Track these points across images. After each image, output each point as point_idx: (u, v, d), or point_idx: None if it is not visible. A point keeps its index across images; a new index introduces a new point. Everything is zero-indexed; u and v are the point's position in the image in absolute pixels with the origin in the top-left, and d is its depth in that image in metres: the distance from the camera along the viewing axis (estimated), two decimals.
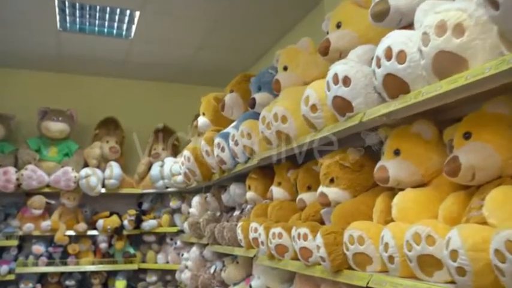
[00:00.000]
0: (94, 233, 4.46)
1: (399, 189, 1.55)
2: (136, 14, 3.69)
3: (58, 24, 3.82)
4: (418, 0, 1.41)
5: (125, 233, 4.50)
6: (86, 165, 4.50)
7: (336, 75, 1.61)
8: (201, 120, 3.58)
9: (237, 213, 3.20)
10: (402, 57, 1.33)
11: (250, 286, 2.60)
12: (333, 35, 1.97)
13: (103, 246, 4.47)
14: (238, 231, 2.60)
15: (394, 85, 1.38)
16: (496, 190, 1.17)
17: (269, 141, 2.25)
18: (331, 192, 1.79)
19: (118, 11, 3.67)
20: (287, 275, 2.48)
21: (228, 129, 2.95)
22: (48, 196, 4.34)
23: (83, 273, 4.50)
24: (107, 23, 3.88)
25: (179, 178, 4.18)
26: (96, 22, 3.85)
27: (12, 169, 4.12)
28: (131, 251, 4.55)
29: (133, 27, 3.92)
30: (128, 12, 3.69)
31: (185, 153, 3.50)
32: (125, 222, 4.48)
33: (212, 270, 3.36)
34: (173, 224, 4.62)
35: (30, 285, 4.19)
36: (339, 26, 1.99)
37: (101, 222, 4.41)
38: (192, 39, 4.16)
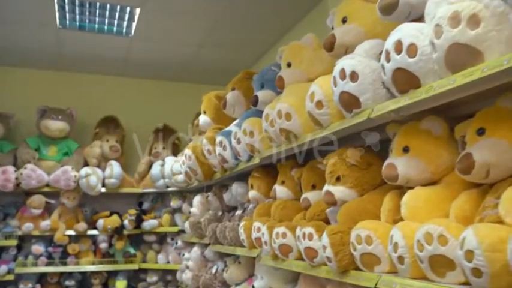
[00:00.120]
0: (94, 232, 4.43)
1: (408, 188, 1.51)
2: (137, 11, 3.65)
3: (57, 21, 3.78)
4: None
5: (125, 232, 4.47)
6: (86, 165, 4.47)
7: (342, 70, 1.57)
8: (202, 118, 3.54)
9: (239, 212, 3.16)
10: (413, 50, 1.28)
11: (253, 287, 2.55)
12: (339, 30, 1.92)
13: (103, 246, 4.44)
14: (240, 230, 2.56)
15: (404, 80, 1.33)
16: None
17: (272, 139, 2.21)
18: (338, 190, 1.75)
19: (118, 8, 3.63)
20: (291, 276, 2.44)
21: (230, 128, 2.91)
22: (47, 195, 4.31)
23: (83, 274, 4.47)
24: (106, 20, 3.84)
25: (180, 177, 4.14)
26: (96, 19, 3.81)
27: (11, 168, 4.09)
28: (132, 251, 4.52)
29: (133, 25, 3.88)
30: (128, 9, 3.65)
31: (186, 152, 3.46)
32: (125, 222, 4.45)
33: (214, 270, 3.32)
34: (174, 223, 4.58)
35: (30, 285, 4.15)
36: (344, 20, 1.94)
37: (101, 222, 4.37)
38: (193, 37, 4.12)
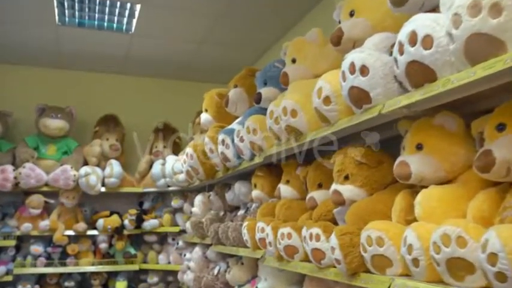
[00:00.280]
0: (94, 232, 4.37)
1: (420, 187, 1.44)
2: (137, 7, 3.58)
3: (56, 18, 3.71)
4: None
5: (125, 232, 4.42)
6: (86, 164, 4.42)
7: (352, 64, 1.50)
8: (204, 116, 3.47)
9: (241, 212, 3.11)
10: (428, 42, 1.21)
11: None
12: (346, 23, 1.86)
13: (103, 246, 4.38)
14: (244, 231, 2.50)
15: (419, 73, 1.26)
16: None
17: (277, 136, 2.15)
18: (346, 190, 1.69)
19: (118, 4, 3.56)
20: (295, 277, 2.38)
21: (233, 125, 2.84)
22: (46, 195, 4.25)
23: (83, 274, 4.42)
24: (106, 17, 3.77)
25: (181, 176, 4.10)
26: (96, 16, 3.75)
27: (9, 167, 4.04)
28: (132, 251, 4.46)
29: (133, 21, 3.81)
30: (129, 5, 3.58)
31: (187, 151, 3.40)
32: (126, 222, 4.39)
33: (216, 271, 3.27)
34: (175, 223, 4.53)
35: (29, 286, 4.09)
36: (352, 14, 1.87)
37: (101, 222, 4.32)
38: (194, 34, 4.06)
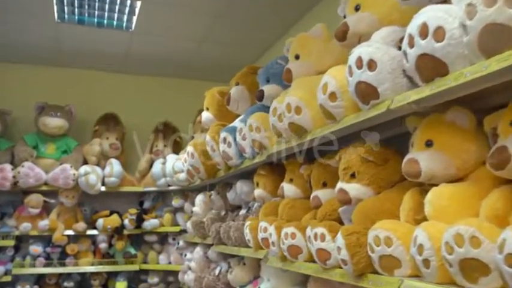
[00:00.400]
0: (93, 232, 4.33)
1: (430, 185, 1.40)
2: (138, 4, 3.53)
3: (56, 15, 3.67)
4: None
5: (125, 232, 4.38)
6: (85, 163, 4.37)
7: (359, 59, 1.46)
8: (205, 115, 3.43)
9: (243, 212, 3.06)
10: (440, 34, 1.17)
11: None
12: (351, 18, 1.81)
13: (103, 246, 4.34)
14: (246, 231, 2.45)
15: (430, 66, 1.22)
16: None
17: (281, 134, 2.10)
18: (352, 188, 1.64)
19: (118, 1, 3.51)
20: (299, 278, 2.34)
21: (235, 123, 2.80)
22: (46, 194, 4.20)
23: (82, 274, 4.38)
24: (106, 14, 3.72)
25: (182, 176, 4.06)
26: (96, 13, 3.70)
27: (8, 166, 3.99)
28: (132, 251, 4.42)
29: (134, 19, 3.76)
30: (129, 2, 3.53)
31: (188, 149, 3.36)
32: (126, 222, 4.35)
33: (217, 271, 3.23)
34: (175, 223, 4.49)
35: (28, 286, 4.05)
36: (357, 8, 1.83)
37: (100, 222, 4.28)
38: (195, 32, 4.01)
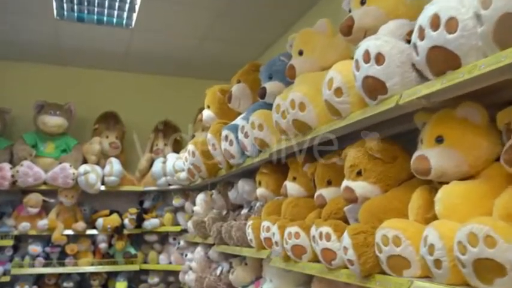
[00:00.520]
0: (93, 232, 4.29)
1: (439, 183, 1.36)
2: (138, 1, 3.49)
3: (55, 12, 3.62)
4: None
5: (125, 232, 4.34)
6: (85, 162, 4.33)
7: (367, 52, 1.41)
8: (206, 113, 3.38)
9: (245, 211, 3.02)
10: (453, 25, 1.13)
11: None
12: (357, 12, 1.77)
13: (103, 246, 4.30)
14: (248, 230, 2.41)
15: (442, 59, 1.17)
16: None
17: (284, 131, 2.06)
18: (359, 186, 1.59)
19: None
20: (302, 278, 2.29)
21: (237, 121, 2.76)
22: (45, 194, 4.16)
23: (82, 275, 4.34)
24: (106, 11, 3.67)
25: (182, 175, 4.02)
26: (95, 10, 3.65)
27: (7, 165, 3.95)
28: (132, 251, 4.39)
29: (134, 16, 3.72)
30: None
31: (189, 148, 3.31)
32: (126, 221, 4.32)
33: (218, 271, 3.18)
34: (176, 223, 4.45)
35: (27, 287, 4.01)
36: (363, 2, 1.79)
37: (100, 221, 4.24)
38: (196, 29, 3.97)
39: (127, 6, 3.60)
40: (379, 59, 1.38)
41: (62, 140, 4.37)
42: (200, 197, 3.68)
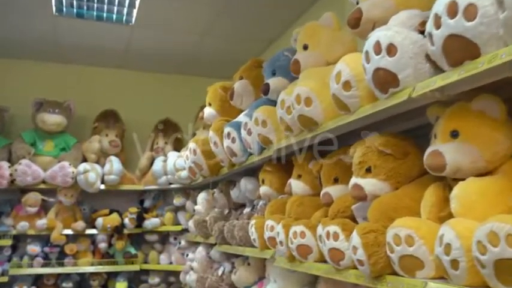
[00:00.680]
0: (93, 232, 4.27)
1: (452, 179, 1.30)
2: None
3: (54, 7, 3.57)
4: None
5: (125, 232, 4.31)
6: (84, 160, 4.30)
7: (378, 43, 1.35)
8: (207, 111, 3.33)
9: (247, 210, 2.97)
10: (472, 12, 1.06)
11: None
12: (365, 3, 1.70)
13: (102, 246, 4.27)
14: (251, 229, 2.36)
15: (459, 49, 1.11)
16: None
17: (289, 128, 2.00)
18: (368, 183, 1.53)
19: None
20: (307, 279, 2.24)
21: (240, 118, 2.70)
22: (44, 193, 4.12)
23: (81, 275, 4.32)
24: (106, 7, 3.62)
25: (183, 173, 3.97)
26: (95, 6, 3.60)
27: (5, 164, 3.92)
28: (132, 251, 4.35)
29: (134, 12, 3.67)
30: None
31: (191, 146, 3.26)
32: (126, 221, 4.29)
33: (220, 272, 3.14)
34: (177, 222, 4.41)
35: (25, 287, 3.98)
36: None
37: (100, 221, 4.21)
38: (198, 25, 3.92)
39: (127, 2, 3.54)
40: (391, 50, 1.32)
41: (61, 138, 4.34)
42: (201, 196, 3.64)
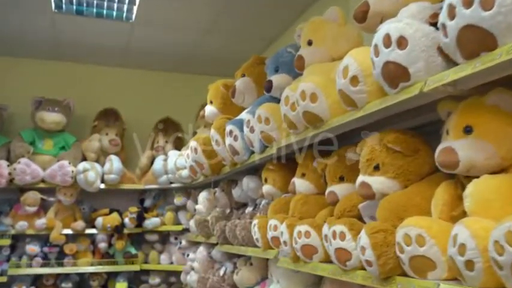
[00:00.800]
0: (93, 231, 4.24)
1: (465, 177, 1.25)
2: None
3: (53, 4, 3.52)
4: None
5: (125, 231, 4.28)
6: (84, 159, 4.27)
7: (387, 36, 1.30)
8: (209, 109, 3.28)
9: (249, 209, 2.92)
10: (489, 1, 1.02)
11: None
12: None
13: (102, 245, 4.24)
14: (254, 229, 2.31)
15: (475, 40, 1.06)
16: None
17: (294, 125, 1.95)
18: (376, 181, 1.48)
19: None
20: (311, 279, 2.20)
21: (242, 115, 2.65)
22: (43, 192, 4.09)
23: (81, 275, 4.29)
24: (105, 4, 3.58)
25: (184, 172, 3.93)
26: (95, 2, 3.55)
27: (4, 163, 3.89)
28: (132, 251, 4.32)
29: (134, 8, 3.63)
30: None
31: (192, 144, 3.22)
32: (126, 220, 4.26)
33: (222, 272, 3.09)
34: (177, 222, 4.38)
35: (24, 287, 3.94)
36: None
37: (100, 220, 4.18)
38: (199, 22, 3.87)
39: None
40: (402, 42, 1.27)
41: (60, 137, 4.31)
42: (203, 195, 3.60)
